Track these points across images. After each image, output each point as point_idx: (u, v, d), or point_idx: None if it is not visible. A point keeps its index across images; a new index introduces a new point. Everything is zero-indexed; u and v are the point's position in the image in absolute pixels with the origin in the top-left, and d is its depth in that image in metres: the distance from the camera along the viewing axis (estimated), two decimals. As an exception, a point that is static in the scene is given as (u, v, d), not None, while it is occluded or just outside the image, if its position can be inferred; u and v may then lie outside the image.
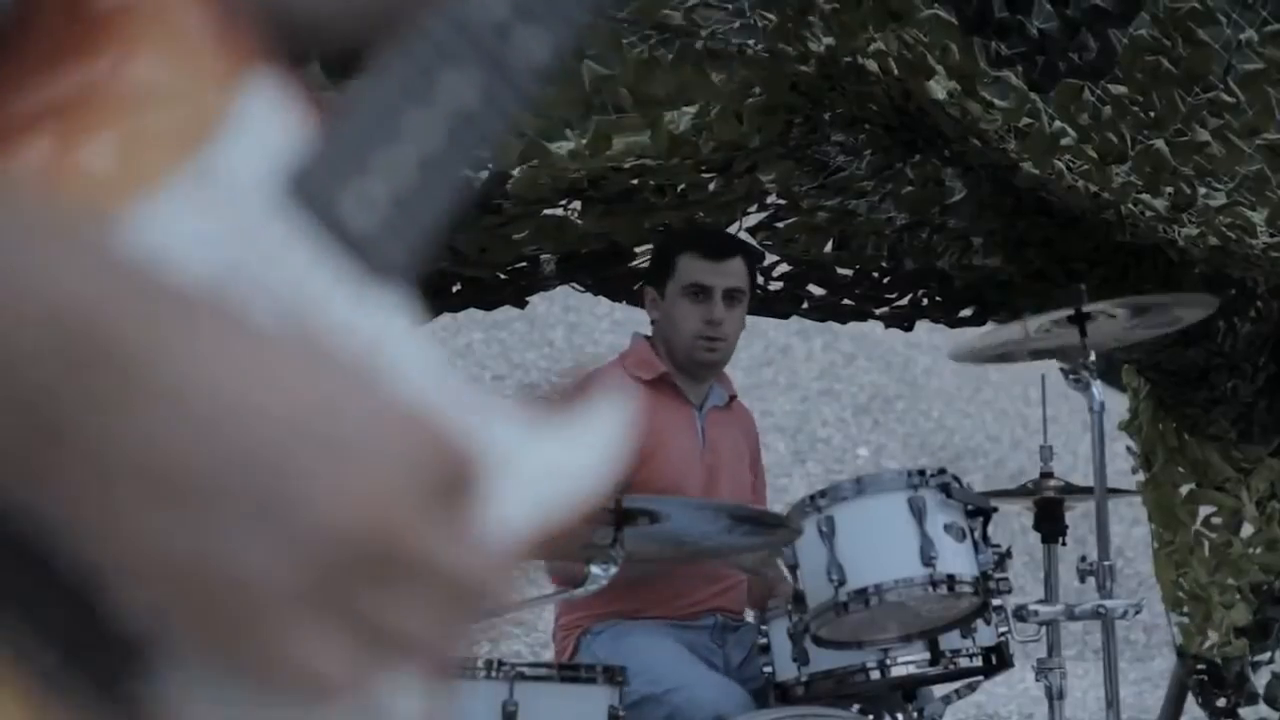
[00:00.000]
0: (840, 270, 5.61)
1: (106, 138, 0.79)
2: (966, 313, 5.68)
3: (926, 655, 4.10)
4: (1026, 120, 4.37)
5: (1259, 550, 5.67)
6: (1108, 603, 4.14)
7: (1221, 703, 5.76)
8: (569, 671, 4.02)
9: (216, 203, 0.79)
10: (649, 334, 4.68)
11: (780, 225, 5.48)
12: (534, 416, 0.85)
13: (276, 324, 0.75)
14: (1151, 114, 4.41)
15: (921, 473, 4.10)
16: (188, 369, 0.72)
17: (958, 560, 4.00)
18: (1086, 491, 4.40)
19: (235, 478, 0.71)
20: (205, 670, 0.74)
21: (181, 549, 0.71)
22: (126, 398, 0.71)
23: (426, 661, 0.76)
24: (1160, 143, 4.41)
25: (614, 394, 0.87)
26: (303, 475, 0.72)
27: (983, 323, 5.62)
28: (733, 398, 4.73)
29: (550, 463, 0.85)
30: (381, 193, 0.80)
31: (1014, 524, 9.11)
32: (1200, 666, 5.74)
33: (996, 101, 4.35)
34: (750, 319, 4.75)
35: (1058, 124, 4.38)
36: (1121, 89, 4.43)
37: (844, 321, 5.86)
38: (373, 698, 0.75)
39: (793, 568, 4.07)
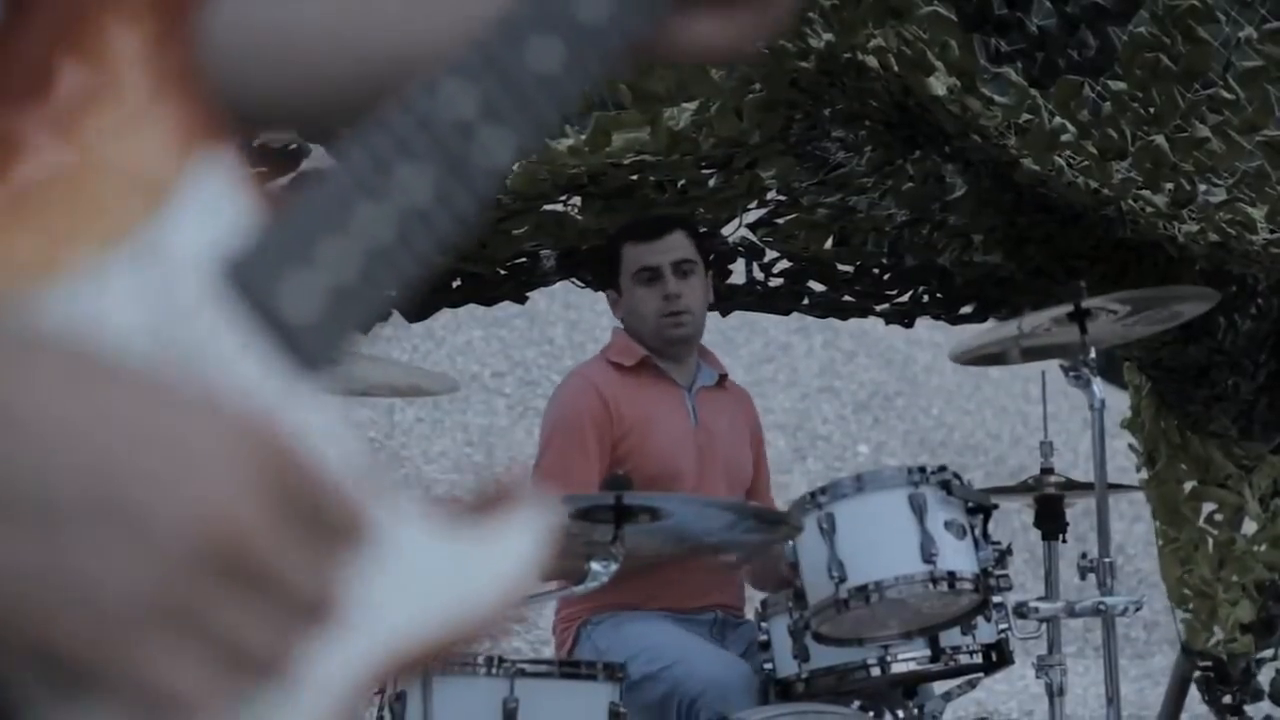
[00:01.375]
0: (840, 267, 5.60)
1: (50, 208, 0.78)
2: (967, 309, 5.67)
3: (927, 652, 4.10)
4: (1026, 117, 4.36)
5: (1264, 548, 5.67)
6: (1108, 600, 4.13)
7: (1227, 699, 5.75)
8: (569, 668, 4.02)
9: (152, 280, 0.78)
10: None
11: (780, 221, 5.47)
12: (451, 520, 0.83)
13: (130, 365, 0.75)
14: (1151, 110, 4.40)
15: (922, 470, 4.10)
16: (27, 396, 0.71)
17: (958, 557, 4.00)
18: (1087, 488, 4.39)
19: (78, 490, 0.71)
20: (72, 709, 0.73)
21: (27, 565, 0.70)
22: None
23: (278, 674, 0.75)
24: (1160, 139, 4.41)
25: (536, 506, 0.85)
26: (146, 485, 0.72)
27: (983, 319, 5.62)
28: (723, 377, 4.72)
29: (457, 567, 0.83)
30: (322, 285, 0.79)
31: (1014, 521, 9.12)
32: (1205, 663, 5.74)
33: (996, 98, 4.35)
34: (750, 316, 4.75)
35: (1057, 120, 4.38)
36: (1121, 85, 4.43)
37: (844, 318, 5.85)
38: (229, 713, 0.74)
39: (793, 565, 4.07)
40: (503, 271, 5.35)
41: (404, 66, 0.98)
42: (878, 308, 5.73)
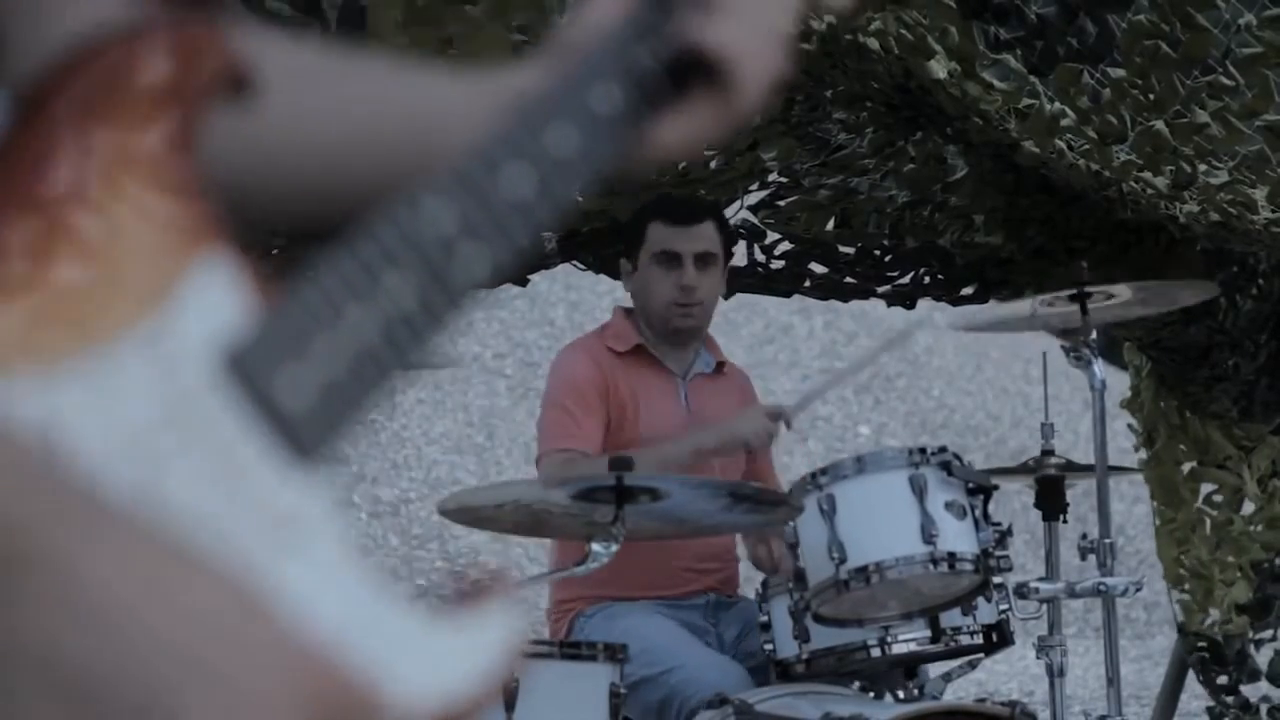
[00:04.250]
0: (842, 248, 5.60)
1: (58, 304, 0.80)
2: (968, 290, 5.67)
3: (927, 633, 4.11)
4: (1027, 102, 4.36)
5: (1260, 528, 5.68)
6: (1108, 580, 4.14)
7: (1223, 680, 5.76)
8: (570, 649, 4.03)
9: (158, 368, 0.81)
10: (630, 306, 4.69)
11: (782, 203, 5.47)
12: (428, 614, 0.86)
13: (187, 536, 0.76)
14: (1151, 97, 4.40)
15: (922, 450, 4.10)
16: (95, 575, 0.73)
17: (959, 538, 4.01)
18: (1087, 469, 4.40)
19: (125, 689, 0.72)
20: None
21: None
22: (34, 594, 0.72)
23: None
24: (1160, 124, 4.41)
25: (506, 600, 0.88)
26: (192, 698, 0.73)
27: (984, 300, 5.62)
28: (721, 364, 4.70)
29: (437, 662, 0.85)
30: (315, 378, 0.83)
31: (1015, 502, 9.12)
32: (1201, 644, 5.75)
33: (996, 83, 4.35)
34: (751, 297, 4.75)
35: (1057, 106, 4.38)
36: (1121, 72, 4.43)
37: (845, 300, 5.85)
38: None
39: (793, 545, 4.07)
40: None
41: (399, 176, 1.01)
42: (879, 289, 5.73)
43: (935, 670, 4.27)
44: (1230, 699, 5.75)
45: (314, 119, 1.08)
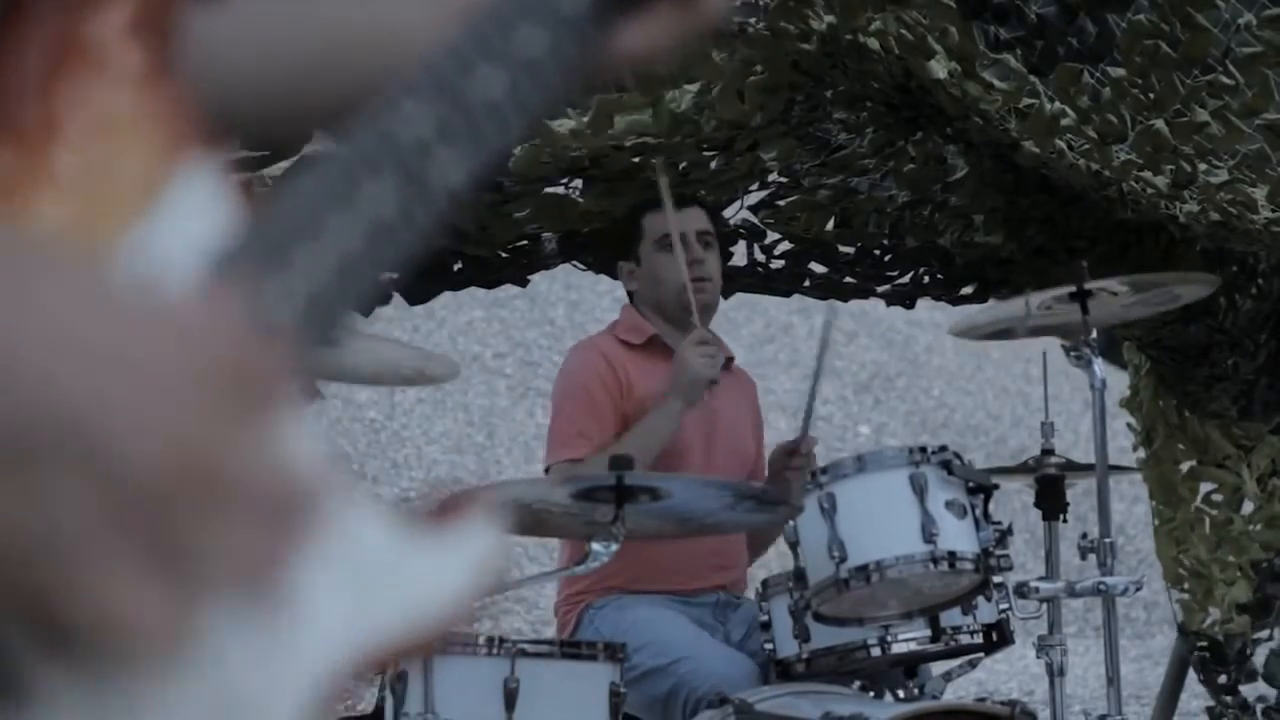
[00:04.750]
0: (841, 248, 5.60)
1: (39, 211, 0.79)
2: (968, 290, 5.68)
3: (927, 632, 4.11)
4: (1027, 101, 4.37)
5: (1259, 527, 5.68)
6: (1108, 580, 4.15)
7: (1223, 679, 5.76)
8: (570, 648, 4.04)
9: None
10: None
11: (782, 203, 5.48)
12: (406, 527, 0.85)
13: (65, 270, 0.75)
14: (1151, 96, 4.41)
15: (923, 450, 4.11)
16: None
17: (959, 537, 4.01)
18: (1088, 469, 4.40)
19: (37, 430, 0.71)
20: (55, 673, 0.73)
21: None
22: None
23: (253, 583, 0.75)
24: (1160, 123, 4.41)
25: (485, 516, 0.87)
26: (101, 417, 0.72)
27: (984, 300, 5.62)
28: (729, 359, 4.73)
29: (412, 574, 0.85)
30: (300, 288, 0.82)
31: (1015, 501, 9.12)
32: (1202, 644, 5.75)
33: (996, 83, 4.35)
34: (751, 297, 4.77)
35: (1057, 105, 4.39)
36: (1120, 72, 4.43)
37: (845, 299, 5.86)
38: (207, 639, 0.74)
39: (794, 544, 4.08)
40: (504, 254, 5.35)
41: (379, 68, 1.00)
42: (879, 289, 5.73)
43: (935, 669, 4.27)
44: (1230, 699, 5.75)
45: (280, 19, 1.08)
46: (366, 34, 1.08)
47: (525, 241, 5.34)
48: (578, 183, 5.16)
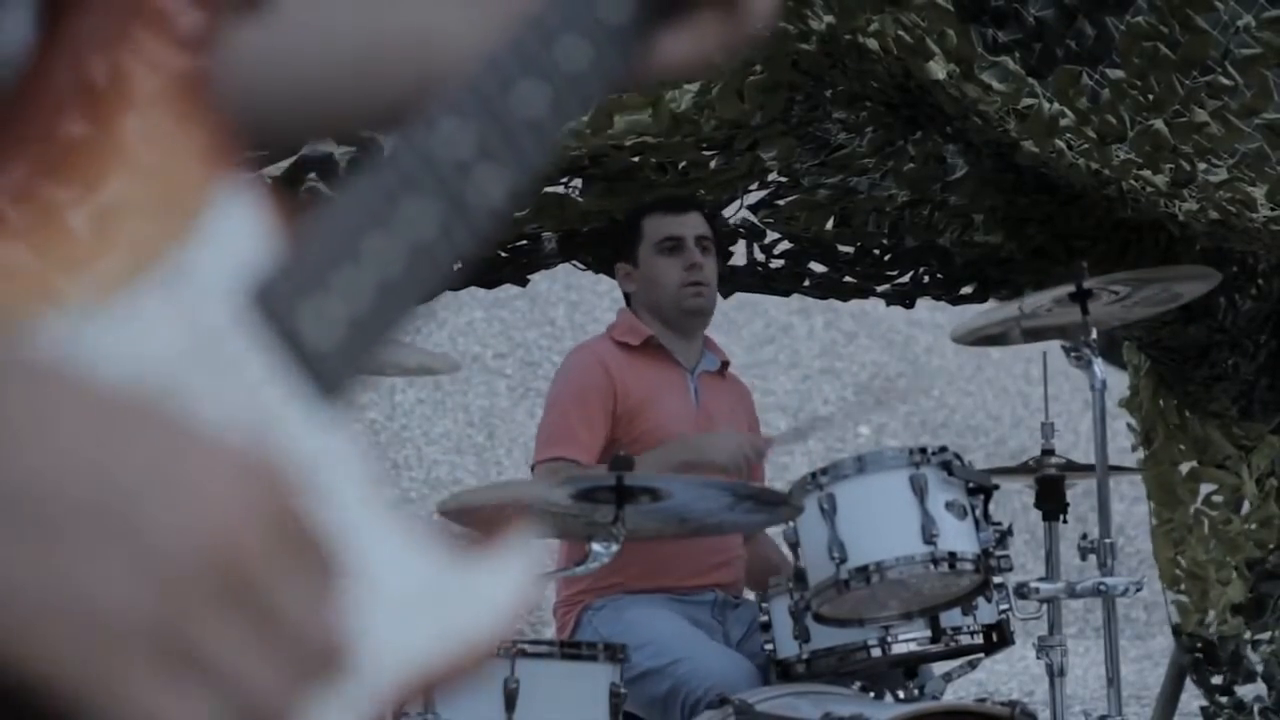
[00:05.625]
0: (841, 247, 5.60)
1: (80, 236, 0.78)
2: (967, 290, 5.67)
3: (927, 633, 4.11)
4: (1026, 102, 4.37)
5: (1255, 526, 5.68)
6: (1109, 580, 4.14)
7: (1217, 680, 5.76)
8: (570, 649, 4.03)
9: (183, 307, 0.79)
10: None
11: (781, 203, 5.47)
12: (447, 551, 0.84)
13: (138, 397, 0.74)
14: (1150, 97, 4.41)
15: (923, 450, 4.10)
16: (33, 409, 0.71)
17: (959, 538, 4.00)
18: (1088, 469, 4.40)
19: (77, 496, 0.70)
20: None
21: (20, 572, 0.70)
22: None
23: (264, 708, 0.73)
24: (1159, 123, 4.41)
25: (525, 542, 0.86)
26: (148, 498, 0.71)
27: (984, 300, 5.62)
28: (725, 364, 4.77)
29: (452, 598, 0.84)
30: (340, 313, 0.81)
31: (1015, 502, 9.13)
32: (1197, 645, 5.75)
33: (995, 84, 4.35)
34: (751, 297, 4.77)
35: (1056, 107, 4.39)
36: (1119, 74, 4.43)
37: (845, 299, 5.85)
38: None
39: (794, 545, 4.08)
40: (504, 254, 5.35)
41: (416, 83, 1.00)
42: (878, 289, 5.73)
43: (936, 670, 4.27)
44: (1225, 699, 5.74)
45: (329, 31, 1.07)
46: (409, 44, 1.07)
47: (525, 241, 5.34)
48: (577, 182, 5.16)
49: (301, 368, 0.80)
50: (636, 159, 4.97)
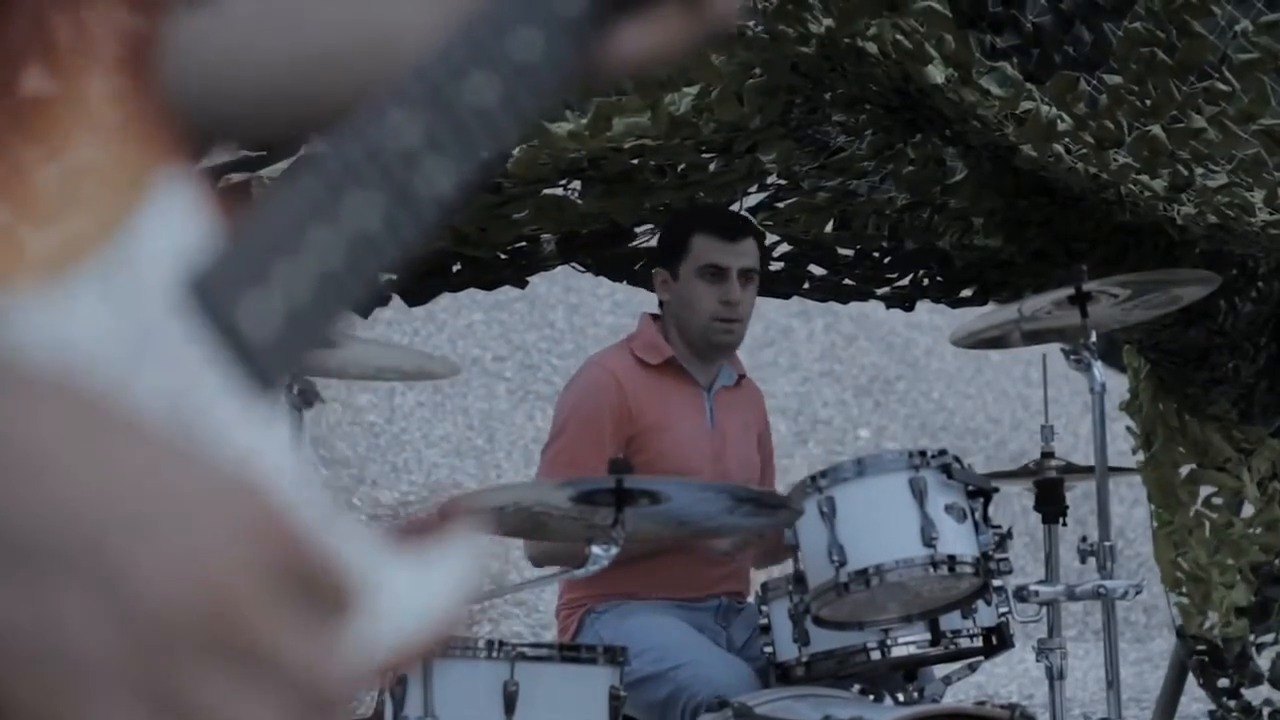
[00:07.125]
0: (841, 250, 5.60)
1: (48, 194, 0.78)
2: (967, 293, 5.67)
3: (927, 636, 4.11)
4: (1024, 107, 4.37)
5: (1259, 530, 5.68)
6: (1108, 583, 4.14)
7: (1224, 683, 5.76)
8: (570, 652, 4.03)
9: (120, 294, 0.79)
10: (656, 313, 4.67)
11: (781, 205, 5.47)
12: (390, 542, 0.83)
13: (128, 412, 0.73)
14: (1147, 103, 4.41)
15: (923, 453, 4.10)
16: (22, 437, 0.69)
17: (958, 541, 4.00)
18: (1087, 472, 4.40)
19: (56, 529, 0.69)
20: None
21: (5, 613, 0.68)
22: None
23: None
24: (1157, 129, 4.41)
25: (470, 527, 0.85)
26: (132, 535, 0.69)
27: (984, 302, 5.62)
28: (741, 377, 4.73)
29: (400, 591, 0.82)
30: (278, 305, 0.79)
31: (1015, 505, 9.12)
32: (1200, 647, 5.75)
33: (993, 89, 4.36)
34: (751, 299, 4.75)
35: (1054, 112, 4.39)
36: (1117, 79, 4.44)
37: (845, 302, 5.86)
38: None
39: (794, 548, 4.08)
40: (503, 256, 5.35)
41: (361, 76, 0.99)
42: (878, 291, 5.73)
43: (935, 673, 4.27)
44: (1232, 702, 5.74)
45: (276, 22, 1.06)
46: (362, 36, 1.06)
47: (524, 243, 5.33)
48: (576, 184, 5.16)
49: (238, 359, 0.79)
50: (635, 161, 4.97)
